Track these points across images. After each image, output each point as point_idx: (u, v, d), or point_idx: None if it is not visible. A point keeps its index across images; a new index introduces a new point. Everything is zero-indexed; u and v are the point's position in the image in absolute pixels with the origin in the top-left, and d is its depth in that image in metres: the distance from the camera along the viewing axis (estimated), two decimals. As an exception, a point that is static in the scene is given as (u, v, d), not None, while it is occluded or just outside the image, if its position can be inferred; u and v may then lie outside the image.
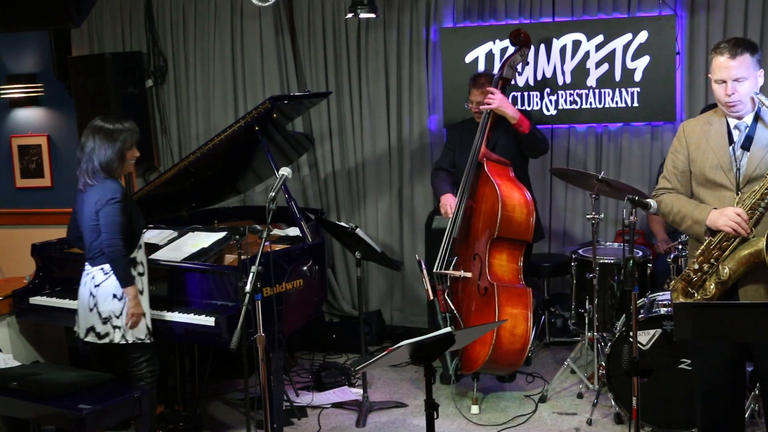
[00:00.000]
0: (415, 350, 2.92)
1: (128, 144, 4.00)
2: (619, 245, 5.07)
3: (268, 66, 6.04)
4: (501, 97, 4.65)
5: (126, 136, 3.99)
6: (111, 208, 3.89)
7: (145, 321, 3.99)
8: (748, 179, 3.19)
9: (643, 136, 5.45)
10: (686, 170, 3.36)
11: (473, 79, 4.95)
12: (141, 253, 4.06)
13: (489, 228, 4.51)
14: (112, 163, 3.96)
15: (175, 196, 5.11)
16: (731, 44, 3.17)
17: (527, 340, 4.45)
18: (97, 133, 3.97)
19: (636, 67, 5.33)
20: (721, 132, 3.28)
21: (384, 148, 5.96)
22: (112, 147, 3.95)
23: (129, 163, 4.07)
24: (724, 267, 3.17)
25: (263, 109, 4.46)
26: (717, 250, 3.21)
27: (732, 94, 3.17)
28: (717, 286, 3.20)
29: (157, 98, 6.37)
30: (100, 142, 3.95)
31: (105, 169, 3.95)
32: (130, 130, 4.03)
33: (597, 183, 4.53)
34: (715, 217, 3.18)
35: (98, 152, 3.95)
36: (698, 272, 3.25)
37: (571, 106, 5.50)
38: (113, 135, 3.96)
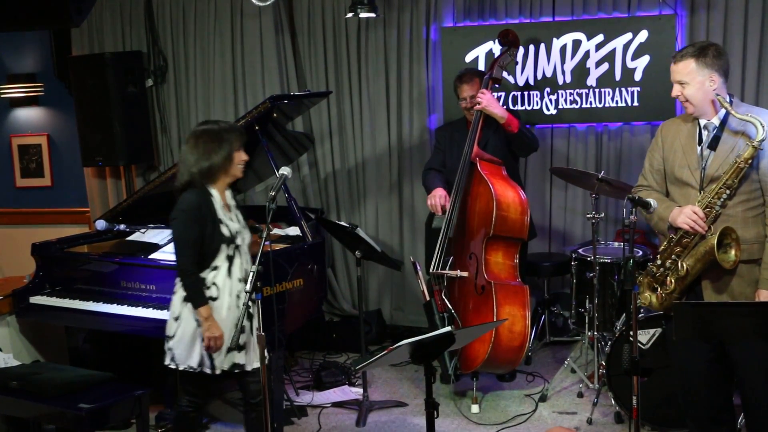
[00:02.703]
0: (416, 349, 2.92)
1: (235, 145, 3.67)
2: (619, 244, 5.08)
3: (268, 65, 6.04)
4: (489, 97, 4.67)
5: (233, 137, 3.66)
6: (178, 222, 3.60)
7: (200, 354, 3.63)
8: (710, 179, 3.32)
9: (643, 136, 5.45)
10: (661, 168, 3.50)
11: (459, 77, 4.97)
12: (217, 275, 3.63)
13: (484, 227, 4.52)
14: (217, 168, 3.63)
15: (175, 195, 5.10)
16: (680, 51, 3.40)
17: (526, 338, 4.45)
18: (201, 137, 3.64)
19: (636, 67, 5.33)
20: (692, 132, 3.42)
21: (384, 148, 5.96)
22: (220, 149, 3.62)
23: (238, 166, 3.71)
24: (683, 263, 3.32)
25: (263, 109, 4.46)
26: (678, 246, 3.36)
27: (677, 95, 3.39)
28: (677, 282, 3.35)
29: (157, 98, 6.36)
30: (205, 146, 3.62)
31: (208, 175, 3.63)
32: (237, 130, 3.73)
33: (597, 182, 4.53)
34: (675, 215, 3.34)
35: (203, 158, 3.61)
36: (660, 268, 3.42)
37: (571, 105, 5.50)
38: (221, 136, 3.64)
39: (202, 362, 3.64)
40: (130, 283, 4.45)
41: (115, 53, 6.09)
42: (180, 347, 3.65)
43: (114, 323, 4.36)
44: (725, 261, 3.22)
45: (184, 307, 3.63)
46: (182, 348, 3.64)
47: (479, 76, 4.89)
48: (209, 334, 3.56)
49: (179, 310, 3.65)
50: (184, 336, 3.63)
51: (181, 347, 3.65)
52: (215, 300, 3.63)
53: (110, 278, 4.52)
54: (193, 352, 3.64)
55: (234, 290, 3.66)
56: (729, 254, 3.23)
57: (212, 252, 3.61)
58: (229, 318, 3.63)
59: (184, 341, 3.64)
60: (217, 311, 3.62)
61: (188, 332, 3.63)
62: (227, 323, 3.62)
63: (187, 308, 3.62)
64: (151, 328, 4.20)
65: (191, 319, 3.62)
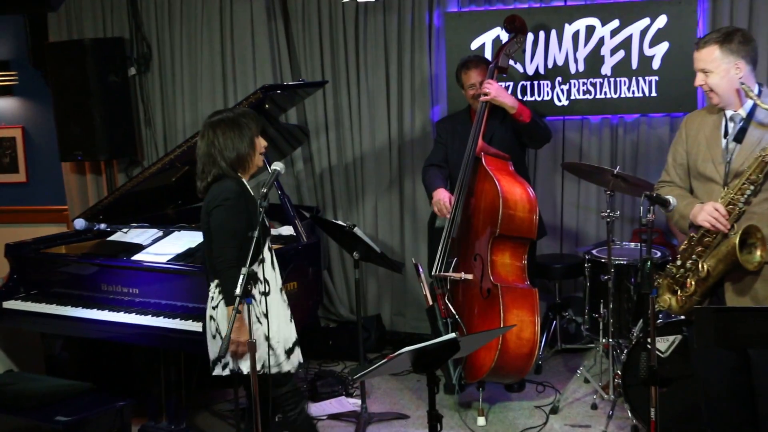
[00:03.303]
0: (418, 358, 2.91)
1: (255, 130, 3.64)
2: (636, 245, 5.07)
3: (260, 53, 6.03)
4: (497, 86, 4.67)
5: (251, 122, 3.63)
6: (222, 210, 3.53)
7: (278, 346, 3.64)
8: (735, 173, 3.31)
9: (662, 128, 5.44)
10: (684, 163, 3.49)
11: (464, 64, 4.96)
12: (265, 267, 3.64)
13: (490, 226, 4.52)
14: (245, 157, 3.60)
15: (160, 192, 5.11)
16: (704, 37, 3.37)
17: (535, 344, 4.45)
18: (218, 126, 3.60)
19: (654, 54, 5.32)
20: (718, 124, 3.41)
21: (384, 142, 5.95)
22: (242, 137, 3.59)
23: (260, 155, 3.69)
24: (703, 264, 3.31)
25: (254, 100, 4.46)
26: (699, 246, 3.34)
27: (700, 84, 3.37)
28: (697, 284, 3.33)
29: (141, 87, 6.36)
30: (225, 135, 3.58)
31: (239, 166, 3.61)
32: (252, 114, 3.68)
33: (612, 178, 4.52)
34: (696, 212, 3.33)
35: (227, 147, 3.58)
36: (680, 269, 3.40)
37: (585, 96, 5.49)
38: (239, 122, 3.60)
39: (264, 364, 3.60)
40: (112, 287, 4.45)
41: (95, 39, 6.08)
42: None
43: (94, 330, 4.36)
44: (749, 262, 3.21)
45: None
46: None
47: (484, 63, 4.90)
48: (236, 337, 3.48)
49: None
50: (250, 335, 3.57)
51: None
52: (268, 295, 3.62)
53: (90, 281, 4.52)
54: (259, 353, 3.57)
55: (279, 283, 3.70)
56: (753, 255, 3.22)
57: (259, 244, 3.57)
58: (280, 314, 3.66)
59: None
60: (272, 306, 3.61)
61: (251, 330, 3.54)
62: (281, 319, 3.66)
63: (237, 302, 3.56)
64: (134, 335, 4.21)
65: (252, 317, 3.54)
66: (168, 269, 4.31)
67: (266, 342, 3.58)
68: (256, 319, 3.56)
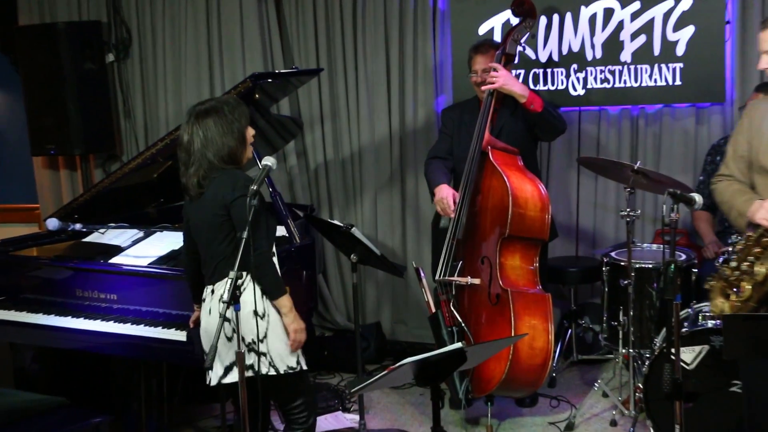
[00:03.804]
0: (421, 369, 2.91)
1: (244, 121, 3.66)
2: (659, 247, 5.06)
3: (249, 38, 6.03)
4: (506, 73, 4.65)
5: (239, 112, 3.64)
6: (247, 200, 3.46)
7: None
8: None
9: (687, 120, 5.44)
10: (746, 155, 3.40)
11: (474, 47, 4.95)
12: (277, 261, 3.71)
13: (498, 226, 4.51)
14: (236, 151, 3.62)
15: (141, 190, 5.11)
16: None
17: (549, 354, 4.44)
18: (203, 118, 3.60)
19: (678, 39, 5.32)
20: None
21: (384, 134, 5.95)
22: (231, 130, 3.60)
23: (249, 147, 3.71)
24: (760, 266, 3.24)
25: (243, 89, 4.45)
26: (757, 246, 3.27)
27: (765, 68, 3.27)
28: (754, 288, 3.25)
29: (120, 76, 6.36)
30: (214, 129, 3.58)
31: (230, 160, 3.62)
32: (238, 104, 3.68)
33: (632, 174, 4.52)
34: (755, 210, 3.26)
35: (215, 142, 3.59)
36: (736, 270, 3.31)
37: (602, 84, 5.49)
38: (226, 115, 3.60)
39: (298, 358, 3.67)
40: (88, 292, 4.44)
41: (69, 23, 6.08)
42: (277, 347, 3.62)
43: (68, 339, 4.34)
44: None
45: (265, 300, 3.61)
46: (280, 347, 3.62)
47: (495, 48, 4.89)
48: (296, 327, 3.58)
49: (261, 304, 3.59)
50: (280, 332, 3.62)
51: (279, 347, 3.62)
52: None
53: (64, 286, 4.51)
54: (290, 350, 3.63)
55: None
56: None
57: (274, 236, 3.68)
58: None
59: (281, 338, 3.62)
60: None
61: (280, 326, 3.63)
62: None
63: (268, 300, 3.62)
64: (111, 345, 4.20)
65: (276, 312, 3.62)
66: (149, 273, 4.30)
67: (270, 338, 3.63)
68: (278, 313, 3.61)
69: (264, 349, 3.62)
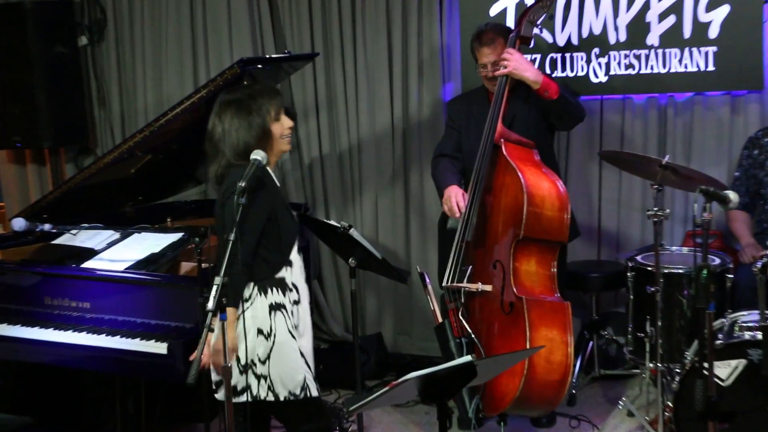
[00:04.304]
0: (426, 385, 2.91)
1: (272, 113, 3.70)
2: (690, 250, 5.06)
3: (237, 19, 6.04)
4: (518, 57, 4.66)
5: (262, 105, 3.68)
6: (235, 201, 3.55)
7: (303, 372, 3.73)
8: None
9: (720, 109, 5.44)
10: None
11: (477, 36, 4.96)
12: (293, 273, 3.76)
13: (512, 227, 4.51)
14: (252, 147, 3.62)
15: (117, 186, 5.12)
16: None
17: (568, 369, 4.43)
18: (224, 109, 3.69)
19: (711, 20, 5.31)
20: None
21: (386, 126, 5.95)
22: (248, 124, 3.65)
23: (282, 140, 3.76)
24: None
25: (231, 76, 4.46)
26: None
27: None
28: None
29: (93, 60, 6.36)
30: (231, 122, 3.66)
31: (246, 157, 3.61)
32: (265, 95, 3.72)
33: (660, 170, 4.51)
34: None
35: (231, 136, 3.66)
36: None
37: (627, 71, 5.48)
38: (245, 108, 3.67)
39: (305, 384, 3.71)
40: (58, 300, 4.44)
41: (37, 2, 6.06)
42: (281, 369, 3.67)
43: (36, 352, 4.34)
44: None
45: (275, 317, 3.66)
46: (283, 371, 3.67)
47: (504, 36, 4.88)
48: (233, 346, 3.58)
49: (268, 322, 3.65)
50: (285, 354, 3.67)
51: (282, 371, 3.67)
52: (298, 304, 3.76)
53: (31, 294, 4.51)
54: (297, 372, 3.69)
55: (306, 291, 3.86)
56: None
57: (288, 244, 3.71)
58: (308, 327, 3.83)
59: (286, 361, 3.67)
60: (302, 318, 3.76)
61: (287, 347, 3.68)
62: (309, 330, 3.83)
63: (279, 317, 3.67)
64: (84, 359, 4.20)
65: (285, 331, 3.67)
66: (126, 279, 4.31)
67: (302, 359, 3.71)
68: (289, 334, 3.67)
69: (264, 371, 3.65)
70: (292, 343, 3.69)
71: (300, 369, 3.71)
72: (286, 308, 3.69)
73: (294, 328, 3.71)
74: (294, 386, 3.68)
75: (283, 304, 3.68)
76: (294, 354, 3.70)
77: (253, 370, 3.65)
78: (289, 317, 3.68)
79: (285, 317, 3.68)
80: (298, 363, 3.71)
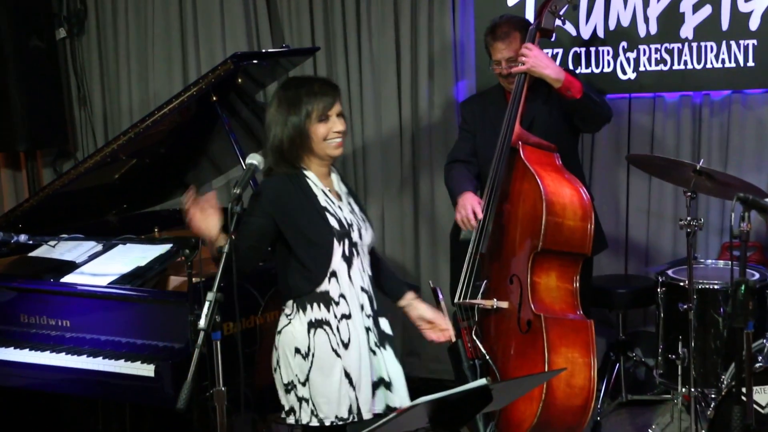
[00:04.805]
0: (438, 411, 2.92)
1: (315, 114, 3.67)
2: (726, 264, 5.07)
3: (231, 10, 6.06)
4: (538, 53, 4.65)
5: (307, 102, 3.66)
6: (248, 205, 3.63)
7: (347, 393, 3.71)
8: None
9: (761, 109, 5.45)
10: None
11: (491, 29, 4.94)
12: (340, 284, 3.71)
13: (530, 238, 4.51)
14: (283, 148, 3.68)
15: (99, 194, 5.13)
16: None
17: (591, 394, 4.44)
18: (272, 101, 3.75)
19: (752, 11, 5.31)
20: None
21: (393, 128, 5.96)
22: (284, 121, 3.67)
23: (326, 143, 3.71)
24: None
25: (223, 72, 4.47)
26: None
27: None
28: None
29: (73, 55, 6.39)
30: (272, 115, 3.70)
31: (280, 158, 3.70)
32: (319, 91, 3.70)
33: (694, 175, 4.52)
34: None
35: (269, 130, 3.71)
36: None
37: (658, 66, 5.50)
38: (286, 102, 3.69)
39: (351, 408, 3.69)
40: (35, 318, 4.45)
41: (12, -8, 6.11)
42: (325, 392, 3.67)
43: (10, 375, 4.35)
44: None
45: (314, 335, 3.66)
46: (329, 393, 3.67)
47: (521, 29, 4.87)
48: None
49: (306, 341, 3.67)
50: (327, 376, 3.67)
51: (326, 392, 3.67)
52: (349, 318, 3.71)
53: (5, 310, 4.51)
54: (341, 396, 3.67)
55: (358, 302, 3.76)
56: None
57: (324, 253, 3.67)
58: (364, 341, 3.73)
59: (329, 383, 3.67)
60: (353, 335, 3.70)
61: (329, 368, 3.67)
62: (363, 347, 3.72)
63: (320, 335, 3.66)
64: (63, 382, 4.20)
65: (328, 349, 3.66)
66: (109, 295, 4.31)
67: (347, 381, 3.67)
68: (333, 352, 3.66)
69: (305, 394, 3.68)
70: (335, 363, 3.66)
71: (344, 392, 3.68)
72: (331, 324, 3.66)
73: (341, 345, 3.67)
74: (341, 411, 3.68)
75: (327, 320, 3.67)
76: (337, 376, 3.66)
77: (295, 392, 3.68)
78: (334, 334, 3.66)
79: (328, 334, 3.67)
80: (343, 385, 3.67)
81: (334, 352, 3.66)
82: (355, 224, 3.77)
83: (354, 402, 3.70)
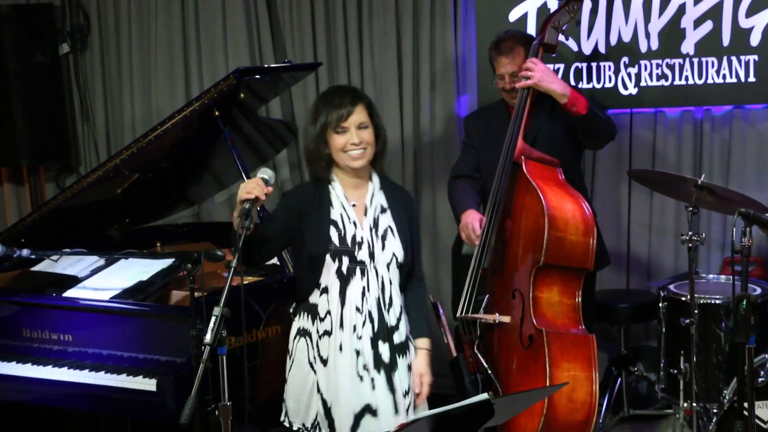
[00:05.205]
0: (439, 425, 2.92)
1: (328, 121, 3.67)
2: (728, 279, 5.07)
3: (233, 26, 6.07)
4: (543, 68, 4.65)
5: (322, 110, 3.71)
6: None
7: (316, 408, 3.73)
8: None
9: (762, 124, 5.45)
10: None
11: (496, 44, 4.94)
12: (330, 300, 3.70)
13: (532, 253, 4.51)
14: (308, 155, 3.78)
15: (102, 208, 5.14)
16: None
17: (593, 409, 4.43)
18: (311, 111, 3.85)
19: (753, 26, 5.32)
20: None
21: (395, 142, 5.96)
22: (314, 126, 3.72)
23: (343, 154, 3.68)
24: None
25: (226, 87, 4.48)
26: None
27: None
28: None
29: (76, 70, 6.39)
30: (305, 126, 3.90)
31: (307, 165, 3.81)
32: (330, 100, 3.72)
33: (695, 190, 4.53)
34: None
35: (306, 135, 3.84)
36: None
37: (659, 82, 5.50)
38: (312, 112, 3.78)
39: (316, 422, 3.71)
40: (37, 333, 4.44)
41: (14, 6, 6.11)
42: (294, 397, 3.74)
43: (12, 390, 4.34)
44: None
45: (297, 343, 3.73)
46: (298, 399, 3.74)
47: (524, 44, 4.88)
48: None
49: (291, 343, 3.77)
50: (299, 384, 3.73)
51: (296, 397, 3.74)
52: (330, 335, 3.68)
53: (7, 325, 4.51)
54: (311, 402, 3.71)
55: (350, 322, 3.68)
56: None
57: (316, 263, 3.68)
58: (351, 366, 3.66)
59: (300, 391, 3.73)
60: (332, 354, 3.67)
61: (302, 378, 3.72)
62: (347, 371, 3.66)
63: (301, 344, 3.72)
64: (65, 397, 4.20)
65: (305, 360, 3.70)
66: (111, 309, 4.31)
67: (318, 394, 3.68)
68: (309, 364, 3.69)
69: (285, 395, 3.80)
70: (309, 374, 3.70)
71: (313, 404, 3.70)
72: (311, 337, 3.69)
73: (318, 359, 3.67)
74: (307, 419, 3.72)
75: (310, 332, 3.70)
76: (308, 386, 3.70)
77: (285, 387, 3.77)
78: (313, 347, 3.69)
79: (308, 346, 3.70)
80: (312, 397, 3.70)
81: (310, 365, 3.70)
82: (368, 242, 3.71)
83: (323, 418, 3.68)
